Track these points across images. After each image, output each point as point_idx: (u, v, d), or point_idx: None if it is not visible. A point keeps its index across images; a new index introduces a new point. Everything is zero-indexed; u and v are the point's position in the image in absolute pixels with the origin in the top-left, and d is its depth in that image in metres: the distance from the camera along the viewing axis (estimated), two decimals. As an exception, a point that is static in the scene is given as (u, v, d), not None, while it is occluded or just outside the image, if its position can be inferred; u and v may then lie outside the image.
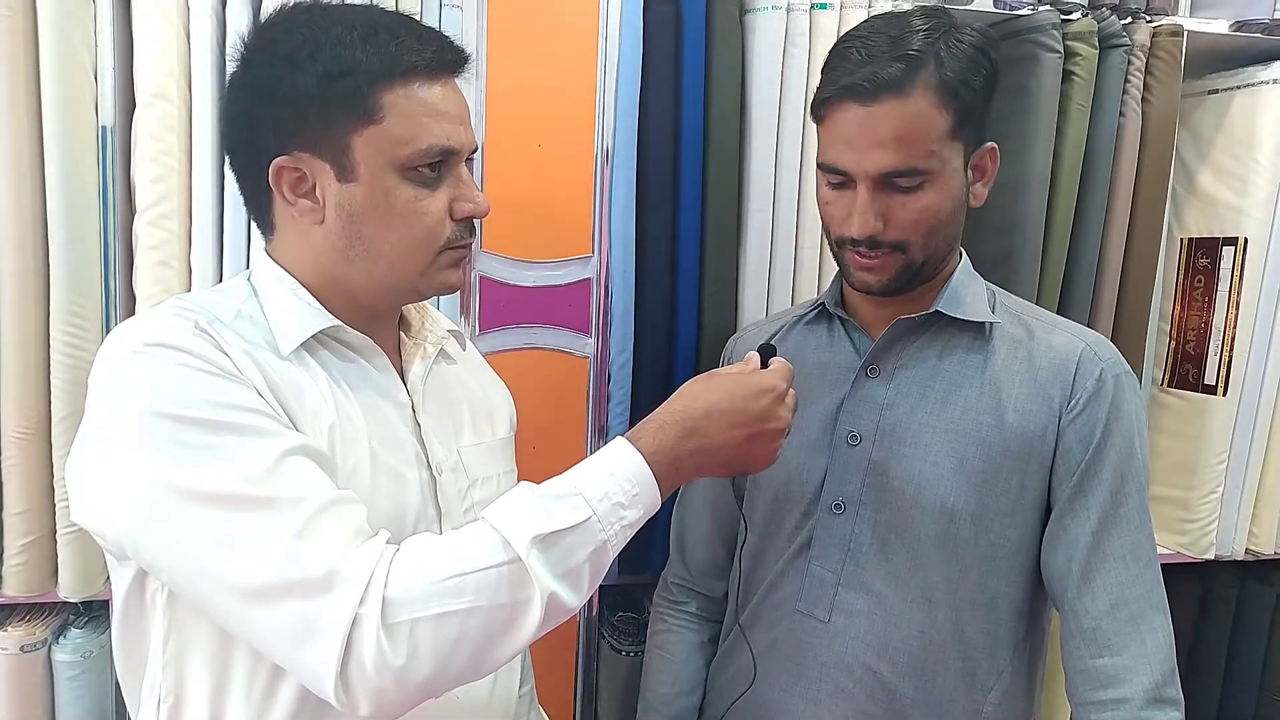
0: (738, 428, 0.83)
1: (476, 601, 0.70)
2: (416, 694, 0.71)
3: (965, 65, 0.95)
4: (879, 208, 0.96)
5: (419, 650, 0.69)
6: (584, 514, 0.75)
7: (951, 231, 1.02)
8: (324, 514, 0.71)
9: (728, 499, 1.20)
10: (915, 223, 0.97)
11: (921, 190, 0.96)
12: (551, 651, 1.40)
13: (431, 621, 0.69)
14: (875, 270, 1.00)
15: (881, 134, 0.94)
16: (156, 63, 1.19)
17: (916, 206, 0.97)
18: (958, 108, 0.95)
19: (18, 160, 1.17)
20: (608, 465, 0.78)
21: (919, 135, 0.94)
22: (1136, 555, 0.97)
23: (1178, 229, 1.60)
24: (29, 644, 1.28)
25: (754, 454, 0.86)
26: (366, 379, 0.87)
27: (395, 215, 0.81)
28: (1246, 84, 1.50)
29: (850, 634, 1.04)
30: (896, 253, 0.99)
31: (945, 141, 0.96)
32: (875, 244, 0.98)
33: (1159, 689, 0.94)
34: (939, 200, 0.97)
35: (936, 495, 1.00)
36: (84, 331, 1.21)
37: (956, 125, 0.96)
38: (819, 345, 1.12)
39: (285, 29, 0.81)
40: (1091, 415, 0.99)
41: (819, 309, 1.14)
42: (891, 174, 0.95)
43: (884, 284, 1.01)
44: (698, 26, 1.32)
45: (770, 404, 0.85)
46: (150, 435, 0.71)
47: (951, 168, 0.98)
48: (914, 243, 0.98)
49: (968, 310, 1.03)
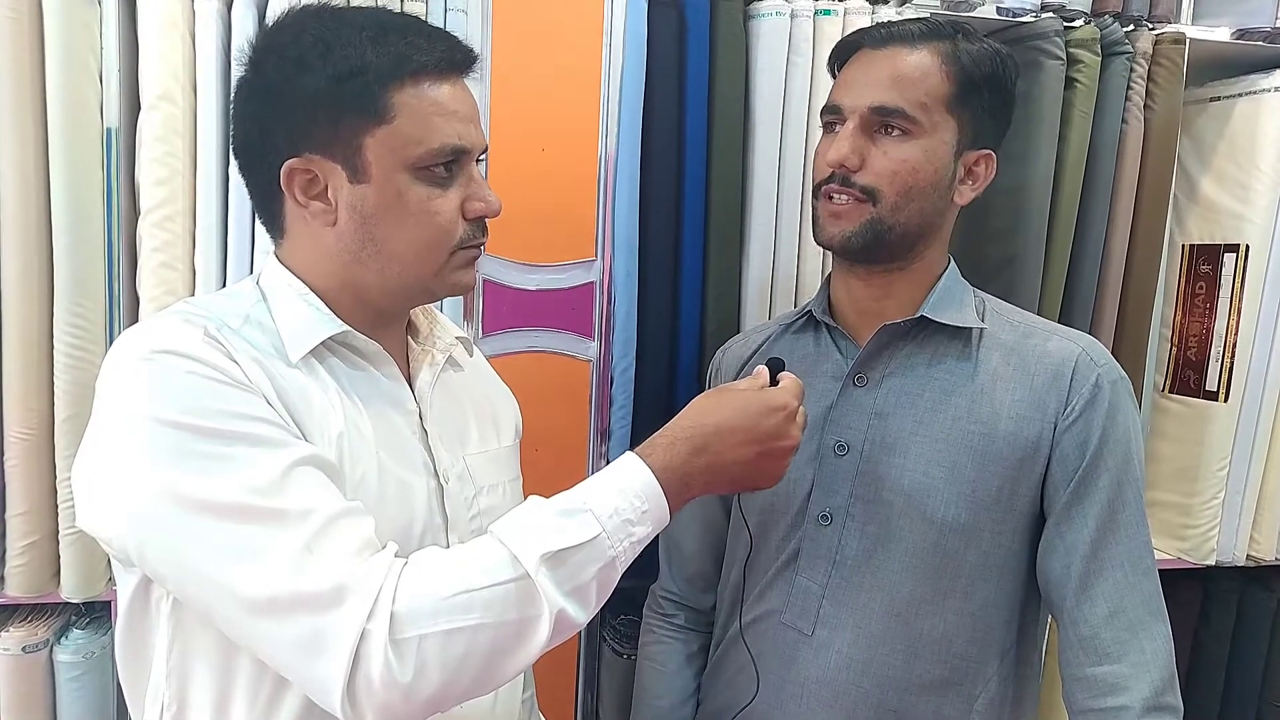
0: (748, 445, 0.83)
1: (484, 618, 0.70)
2: (423, 709, 0.70)
3: (979, 54, 0.99)
4: (859, 144, 0.99)
5: (426, 666, 0.68)
6: (593, 531, 0.74)
7: (927, 206, 1.00)
8: (332, 527, 0.71)
9: (718, 513, 1.20)
10: (892, 173, 0.98)
11: (904, 141, 0.98)
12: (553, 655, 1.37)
13: (439, 637, 0.69)
14: (842, 217, 1.00)
15: (880, 74, 0.99)
16: (161, 66, 1.19)
17: (895, 155, 0.98)
18: (961, 81, 0.98)
19: (22, 162, 1.17)
20: (618, 481, 0.78)
21: (915, 82, 0.97)
22: (1135, 563, 0.97)
23: (1179, 235, 1.60)
24: (31, 645, 1.28)
25: (763, 472, 0.85)
26: (375, 387, 0.86)
27: (408, 215, 0.81)
28: (1248, 91, 1.51)
29: (833, 648, 1.02)
30: (866, 203, 0.99)
31: (940, 106, 0.98)
32: (847, 182, 0.99)
33: (1158, 696, 0.94)
34: (919, 159, 0.98)
35: (926, 506, 0.99)
36: (87, 333, 1.21)
37: (955, 98, 0.98)
38: (806, 354, 1.11)
39: (294, 31, 0.81)
40: (1088, 421, 0.98)
41: (806, 317, 1.14)
42: (879, 110, 0.98)
43: (847, 236, 1.00)
44: (701, 32, 1.32)
45: (782, 422, 0.84)
46: (158, 443, 0.70)
47: (940, 138, 0.99)
48: (885, 195, 0.98)
49: (954, 316, 1.03)
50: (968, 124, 1.00)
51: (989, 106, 1.01)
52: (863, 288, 1.07)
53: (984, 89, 0.99)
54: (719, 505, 1.19)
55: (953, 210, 1.05)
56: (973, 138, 1.01)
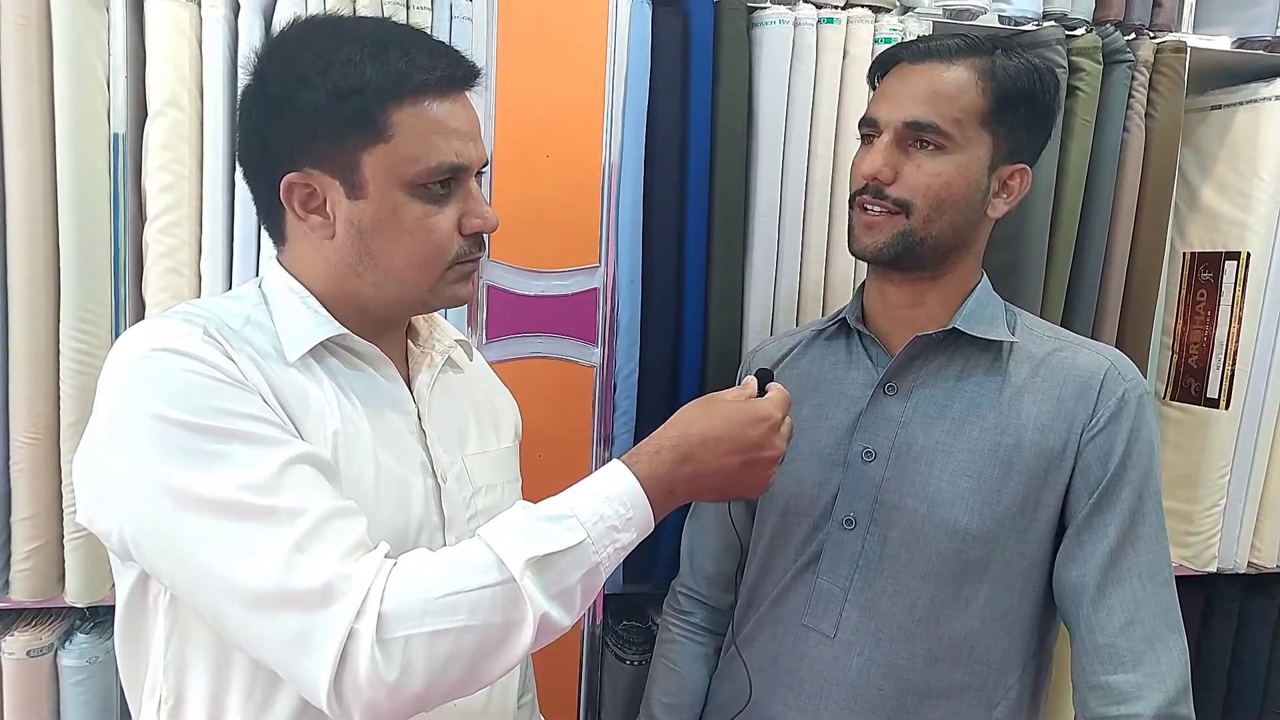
0: (733, 455, 0.84)
1: (470, 620, 0.71)
2: (408, 708, 0.72)
3: (1016, 70, 1.00)
4: (892, 158, 1.00)
5: (412, 666, 0.70)
6: (578, 537, 0.75)
7: (959, 220, 1.02)
8: (323, 526, 0.72)
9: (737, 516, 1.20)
10: (925, 187, 0.99)
11: (938, 156, 0.99)
12: (556, 661, 1.40)
13: (425, 638, 0.70)
14: (875, 229, 1.02)
15: (917, 89, 0.99)
16: (168, 72, 1.20)
17: (930, 170, 0.99)
18: (997, 97, 0.99)
19: (30, 167, 1.18)
20: (603, 488, 0.79)
21: (951, 98, 0.98)
22: (1153, 574, 0.97)
23: (1180, 243, 1.60)
24: (35, 649, 1.28)
25: (747, 481, 0.86)
26: (373, 387, 0.87)
27: (404, 232, 0.82)
28: (1249, 100, 1.51)
29: (855, 650, 1.03)
30: (899, 215, 1.00)
31: (974, 122, 0.99)
32: (880, 194, 1.00)
33: (1171, 706, 0.94)
34: (953, 174, 0.99)
35: (949, 514, 1.00)
36: (93, 338, 1.22)
37: (990, 114, 0.99)
38: (837, 361, 1.13)
39: (296, 44, 0.81)
40: (1112, 434, 0.99)
41: (839, 324, 1.15)
42: (913, 124, 0.99)
43: (880, 246, 1.02)
44: (705, 39, 1.33)
45: (766, 433, 0.85)
46: (156, 440, 0.71)
47: (974, 153, 1.00)
48: (918, 208, 1.00)
49: (986, 329, 1.04)
50: (1003, 139, 1.01)
51: (1025, 122, 1.02)
52: (897, 294, 1.08)
53: (1020, 105, 1.00)
54: (738, 509, 1.20)
55: (986, 223, 1.06)
56: (1008, 153, 1.02)
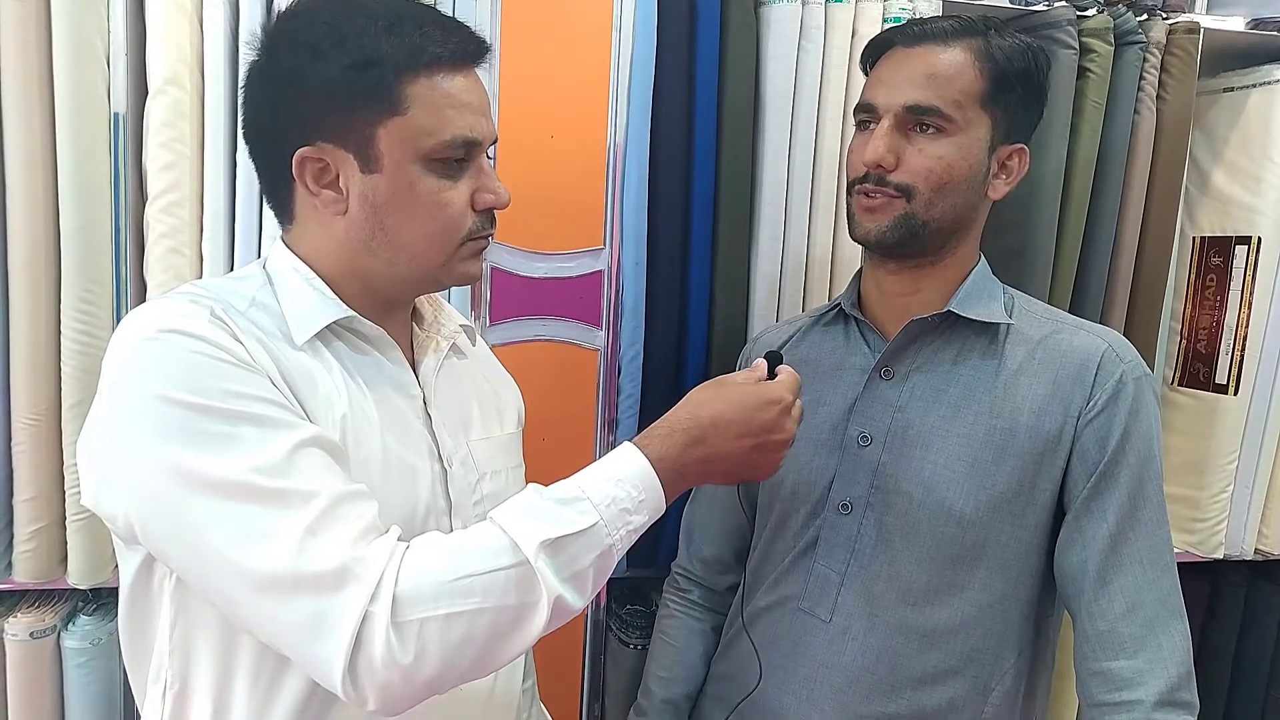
0: (744, 438, 0.84)
1: (484, 603, 0.71)
2: (423, 690, 0.72)
3: (1012, 50, 0.99)
4: (894, 143, 0.99)
5: (427, 648, 0.70)
6: (591, 519, 0.75)
7: (961, 202, 1.01)
8: (336, 509, 0.72)
9: (735, 501, 1.20)
10: (927, 170, 0.98)
11: (939, 139, 0.98)
12: (559, 645, 1.39)
13: (440, 621, 0.70)
14: (876, 213, 1.01)
15: (914, 72, 0.99)
16: (169, 50, 1.19)
17: (931, 154, 0.98)
18: (994, 77, 0.98)
19: (29, 147, 1.17)
20: (615, 470, 0.79)
21: (949, 80, 0.97)
22: (1154, 559, 0.97)
23: (1191, 227, 1.59)
24: (38, 630, 1.28)
25: (758, 464, 0.86)
26: (379, 370, 0.87)
27: (419, 206, 0.81)
28: (1262, 82, 1.49)
29: (851, 634, 1.03)
30: (900, 199, 0.99)
31: (974, 103, 0.98)
32: (881, 180, 0.99)
33: (1173, 692, 0.93)
34: (953, 156, 0.98)
35: (945, 499, 1.00)
36: (94, 318, 1.21)
37: (989, 95, 0.98)
38: (835, 347, 1.13)
39: (307, 18, 0.80)
40: (1110, 416, 0.98)
41: (836, 310, 1.15)
42: (914, 109, 0.98)
43: (882, 231, 1.01)
44: (712, 19, 1.31)
45: (777, 415, 0.85)
46: (163, 422, 0.71)
47: (975, 134, 0.99)
48: (919, 192, 0.99)
49: (982, 311, 1.03)
50: (1001, 120, 1.00)
51: (1022, 101, 1.01)
52: (893, 282, 1.07)
53: (1017, 84, 1.00)
54: (737, 495, 1.20)
55: (985, 205, 1.05)
56: (1006, 133, 1.01)
